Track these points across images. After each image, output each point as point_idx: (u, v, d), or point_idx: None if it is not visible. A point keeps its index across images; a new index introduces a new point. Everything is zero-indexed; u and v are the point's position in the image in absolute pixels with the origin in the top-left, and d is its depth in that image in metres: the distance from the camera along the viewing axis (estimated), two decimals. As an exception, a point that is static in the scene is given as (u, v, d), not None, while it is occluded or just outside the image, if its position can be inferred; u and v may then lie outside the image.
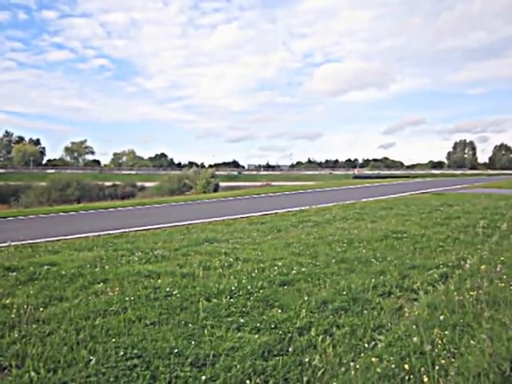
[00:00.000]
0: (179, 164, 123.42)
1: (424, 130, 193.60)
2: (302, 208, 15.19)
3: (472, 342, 3.33)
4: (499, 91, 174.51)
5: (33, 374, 3.09)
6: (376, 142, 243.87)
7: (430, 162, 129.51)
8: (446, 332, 3.54)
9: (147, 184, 70.50)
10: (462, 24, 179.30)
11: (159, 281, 5.47)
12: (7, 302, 4.69)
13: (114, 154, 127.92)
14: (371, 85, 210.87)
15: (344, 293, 4.88)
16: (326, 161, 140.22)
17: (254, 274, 5.71)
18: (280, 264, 6.29)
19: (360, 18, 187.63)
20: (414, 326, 3.68)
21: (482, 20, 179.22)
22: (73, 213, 16.57)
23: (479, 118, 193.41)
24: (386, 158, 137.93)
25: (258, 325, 4.02)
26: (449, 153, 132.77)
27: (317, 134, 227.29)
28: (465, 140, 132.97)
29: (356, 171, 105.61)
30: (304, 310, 4.30)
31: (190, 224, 11.72)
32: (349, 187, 32.46)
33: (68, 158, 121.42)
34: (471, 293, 4.24)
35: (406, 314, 4.33)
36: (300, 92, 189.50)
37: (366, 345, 3.58)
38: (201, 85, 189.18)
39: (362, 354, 3.40)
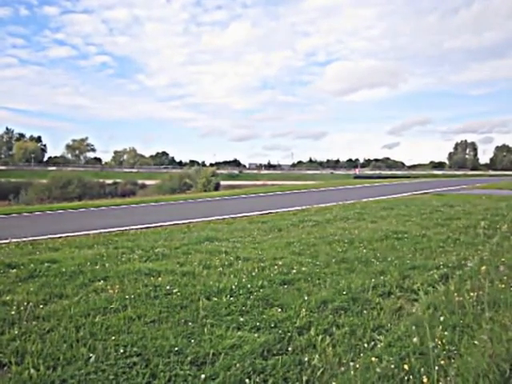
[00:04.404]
0: (180, 162, 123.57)
1: (430, 130, 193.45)
2: (303, 207, 15.18)
3: (472, 342, 3.32)
4: (507, 91, 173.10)
5: (32, 371, 3.10)
6: (380, 141, 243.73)
7: (431, 162, 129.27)
8: (446, 333, 3.54)
9: (148, 182, 70.65)
10: (471, 23, 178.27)
11: (159, 279, 5.48)
12: (7, 298, 4.69)
13: (115, 152, 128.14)
14: (378, 84, 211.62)
15: (344, 293, 4.88)
16: (328, 160, 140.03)
17: (254, 273, 5.71)
18: (280, 263, 6.28)
19: (364, 16, 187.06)
20: (414, 327, 3.67)
21: (492, 20, 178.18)
22: (73, 210, 16.57)
23: (486, 119, 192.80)
24: (387, 158, 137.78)
25: (258, 324, 4.03)
26: (450, 153, 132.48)
27: (322, 133, 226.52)
28: (466, 141, 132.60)
29: (357, 171, 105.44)
30: (304, 310, 4.30)
31: (190, 222, 11.72)
32: (349, 187, 32.45)
33: (69, 156, 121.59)
34: (471, 294, 4.24)
35: (406, 315, 4.33)
36: (305, 91, 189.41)
37: (366, 345, 3.58)
38: (203, 83, 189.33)
39: (362, 354, 3.40)
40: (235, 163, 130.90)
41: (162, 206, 18.45)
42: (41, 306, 4.49)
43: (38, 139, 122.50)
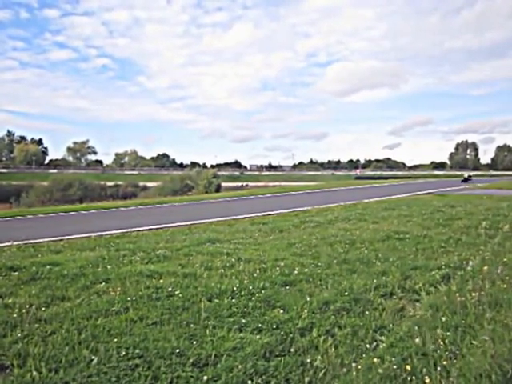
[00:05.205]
0: (181, 164, 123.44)
1: (431, 130, 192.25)
2: (304, 208, 15.19)
3: (474, 343, 3.32)
4: (507, 91, 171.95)
5: (34, 373, 3.10)
6: (381, 142, 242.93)
7: (433, 162, 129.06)
8: (448, 333, 3.54)
9: (149, 184, 70.69)
10: (472, 23, 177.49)
11: (161, 281, 5.48)
12: (9, 301, 4.70)
13: (116, 154, 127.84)
14: (379, 85, 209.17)
15: (346, 293, 4.88)
16: (329, 161, 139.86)
17: (255, 275, 5.71)
18: (282, 264, 6.28)
19: (364, 16, 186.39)
20: (416, 327, 3.68)
21: (492, 19, 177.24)
22: (75, 213, 16.61)
23: (487, 119, 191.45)
24: (388, 159, 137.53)
25: (260, 325, 4.03)
26: (451, 154, 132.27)
27: (322, 134, 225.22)
28: (466, 141, 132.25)
29: (358, 172, 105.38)
30: (306, 311, 4.30)
31: (191, 224, 11.73)
32: (351, 188, 32.44)
33: (70, 158, 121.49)
34: (473, 294, 4.24)
35: (408, 315, 4.33)
36: (305, 92, 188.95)
37: (368, 345, 3.58)
38: (203, 84, 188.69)
39: (364, 355, 3.40)
40: (236, 164, 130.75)
41: (163, 208, 18.47)
42: (43, 309, 4.49)
43: (39, 142, 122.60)
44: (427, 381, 2.73)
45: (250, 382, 3.00)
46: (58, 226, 12.49)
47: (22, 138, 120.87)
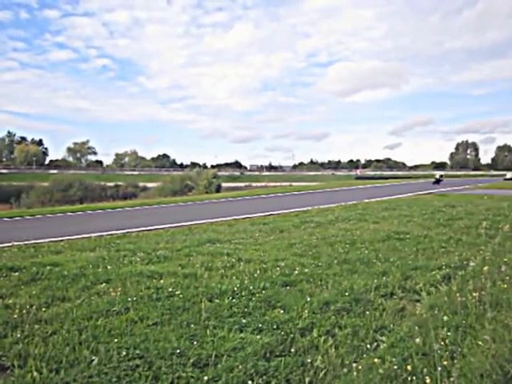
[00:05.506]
0: (181, 164, 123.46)
1: (431, 130, 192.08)
2: (305, 209, 15.19)
3: (475, 343, 3.32)
4: (507, 91, 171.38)
5: (35, 373, 3.10)
6: (382, 142, 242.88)
7: (433, 162, 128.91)
8: (449, 333, 3.53)
9: (149, 184, 70.74)
10: (472, 23, 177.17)
11: (161, 281, 5.48)
12: (10, 302, 4.71)
13: (117, 155, 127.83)
14: (380, 85, 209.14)
15: (346, 294, 4.87)
16: (329, 161, 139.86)
17: (256, 275, 5.71)
18: (282, 265, 6.28)
19: (364, 17, 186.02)
20: (417, 327, 3.67)
21: (493, 19, 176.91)
22: (75, 213, 16.60)
23: (487, 119, 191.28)
24: (388, 159, 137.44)
25: (260, 325, 4.03)
26: (451, 154, 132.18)
27: (323, 134, 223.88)
28: (467, 141, 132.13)
29: (358, 172, 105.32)
30: (306, 311, 4.30)
31: (192, 224, 11.73)
32: (351, 188, 32.43)
33: (70, 159, 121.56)
34: (474, 294, 4.23)
35: (409, 315, 4.33)
36: (306, 92, 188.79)
37: (369, 346, 3.58)
38: (204, 84, 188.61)
39: (365, 355, 3.40)
40: (236, 165, 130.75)
41: (163, 208, 18.47)
42: (43, 309, 4.49)
43: (40, 142, 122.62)
44: (428, 381, 2.72)
45: (250, 382, 3.00)
46: (58, 227, 12.50)
47: (23, 139, 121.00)
